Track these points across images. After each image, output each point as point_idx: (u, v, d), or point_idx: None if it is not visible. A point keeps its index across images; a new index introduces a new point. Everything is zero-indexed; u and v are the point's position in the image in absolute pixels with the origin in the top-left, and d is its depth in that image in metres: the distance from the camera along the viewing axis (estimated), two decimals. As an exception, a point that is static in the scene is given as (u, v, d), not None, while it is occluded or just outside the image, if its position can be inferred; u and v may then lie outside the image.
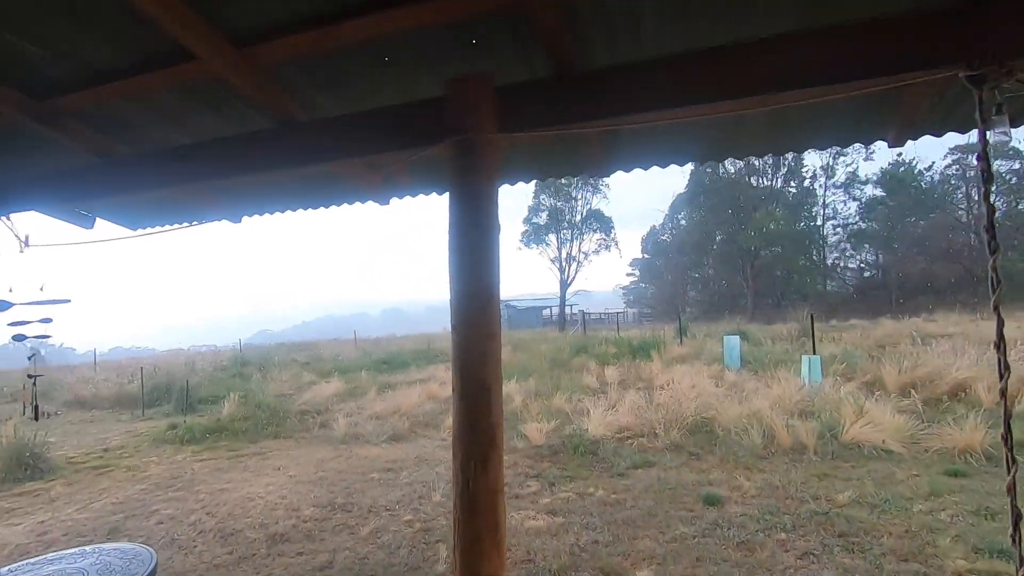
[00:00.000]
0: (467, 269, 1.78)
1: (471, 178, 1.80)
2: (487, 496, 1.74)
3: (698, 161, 2.56)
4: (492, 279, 1.78)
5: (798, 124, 2.27)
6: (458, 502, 1.76)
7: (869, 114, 2.18)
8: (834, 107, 2.08)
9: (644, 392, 9.06)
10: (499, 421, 1.76)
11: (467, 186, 1.80)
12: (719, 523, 4.36)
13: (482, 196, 1.80)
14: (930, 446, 5.79)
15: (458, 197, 1.81)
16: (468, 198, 1.80)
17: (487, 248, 1.79)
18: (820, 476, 5.29)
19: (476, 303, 1.78)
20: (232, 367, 18.53)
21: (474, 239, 1.78)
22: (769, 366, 10.86)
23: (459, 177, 1.81)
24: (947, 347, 10.77)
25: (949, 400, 7.60)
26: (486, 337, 1.77)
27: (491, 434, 1.74)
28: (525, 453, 6.75)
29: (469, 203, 1.80)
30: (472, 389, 1.74)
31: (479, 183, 1.80)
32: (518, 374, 12.39)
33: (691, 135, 2.36)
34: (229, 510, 5.37)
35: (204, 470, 6.91)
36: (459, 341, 1.78)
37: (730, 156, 2.51)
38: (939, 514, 4.29)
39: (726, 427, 6.76)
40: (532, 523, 4.62)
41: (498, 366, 1.79)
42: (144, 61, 2.05)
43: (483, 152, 1.80)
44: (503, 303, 23.60)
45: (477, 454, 1.73)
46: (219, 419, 9.44)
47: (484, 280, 1.77)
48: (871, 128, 2.25)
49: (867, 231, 42.82)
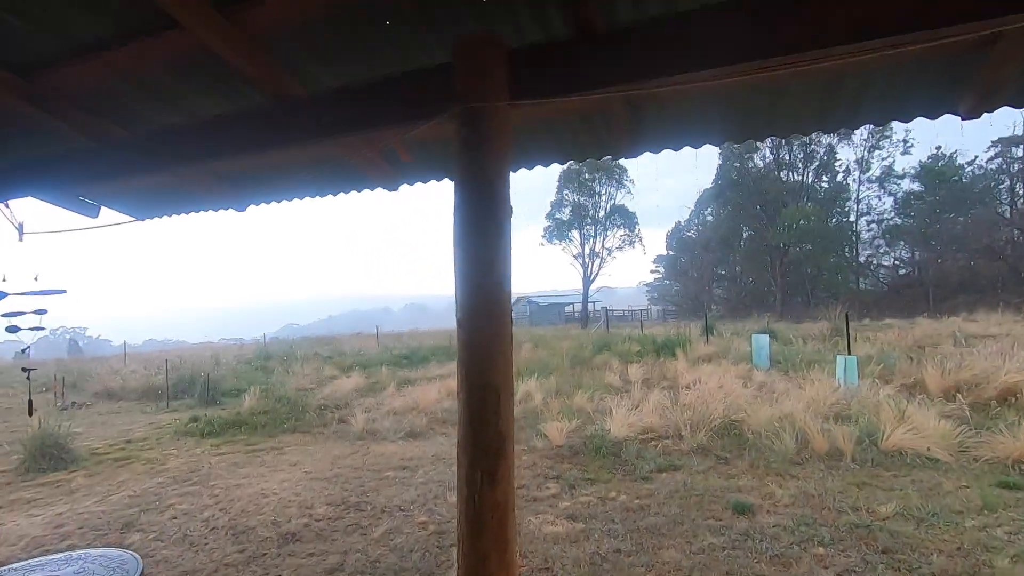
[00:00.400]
0: (474, 258, 1.57)
1: (479, 154, 1.59)
2: (495, 511, 1.54)
3: (735, 140, 2.30)
4: (502, 270, 1.57)
5: (852, 94, 1.99)
6: (462, 518, 1.56)
7: (939, 80, 1.89)
8: (896, 72, 1.82)
9: (669, 392, 8.75)
10: (509, 429, 1.55)
11: (475, 163, 1.59)
12: (750, 534, 4.08)
13: (492, 174, 1.59)
14: (980, 455, 5.39)
15: (465, 175, 1.61)
16: (476, 176, 1.59)
17: (497, 235, 1.58)
18: (859, 485, 4.96)
19: (484, 297, 1.57)
20: (256, 360, 18.74)
21: (482, 224, 1.58)
22: (800, 366, 10.44)
23: (466, 153, 1.61)
24: (993, 348, 10.17)
25: (999, 405, 7.12)
26: (495, 335, 1.56)
27: (499, 443, 1.54)
28: (544, 453, 6.53)
29: (477, 182, 1.59)
30: (478, 393, 1.54)
31: (488, 159, 1.59)
32: (539, 372, 12.17)
33: (726, 110, 2.11)
34: (243, 506, 5.29)
35: (221, 464, 6.88)
36: (465, 339, 1.57)
37: (771, 135, 2.24)
38: (994, 530, 3.94)
39: (756, 430, 6.43)
40: (551, 528, 4.41)
41: (508, 367, 1.58)
42: (128, 31, 1.89)
43: (493, 123, 1.59)
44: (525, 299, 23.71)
45: (484, 465, 1.52)
46: (239, 413, 9.46)
47: (493, 271, 1.57)
48: (941, 97, 1.96)
49: (903, 227, 41.31)
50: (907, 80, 1.90)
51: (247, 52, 1.91)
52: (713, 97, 1.98)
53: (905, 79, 1.90)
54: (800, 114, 2.15)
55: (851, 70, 1.85)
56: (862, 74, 1.85)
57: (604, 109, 2.07)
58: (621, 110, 2.08)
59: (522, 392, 10.03)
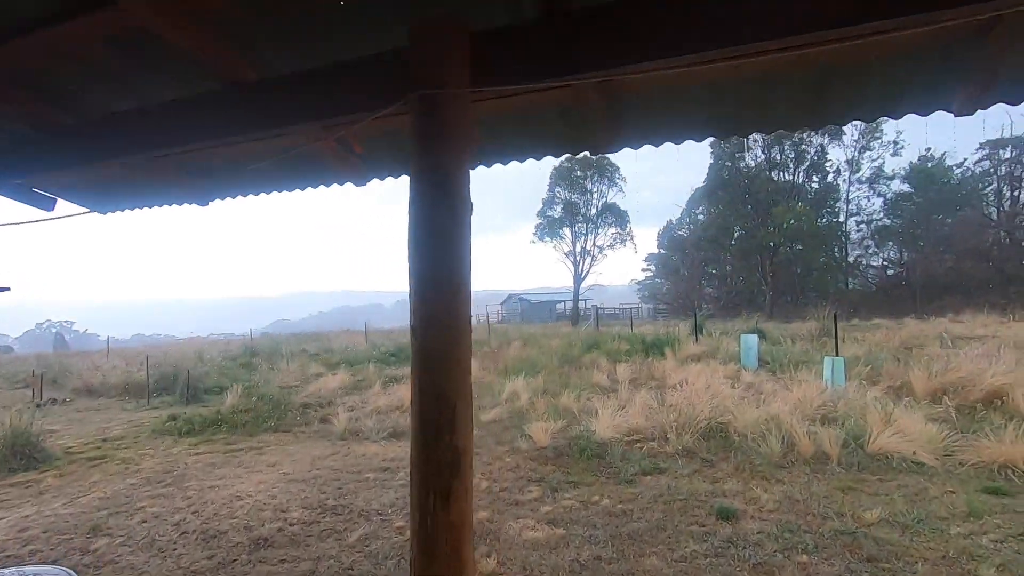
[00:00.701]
0: (430, 259, 1.45)
1: (436, 143, 1.46)
2: (449, 534, 1.41)
3: (719, 135, 2.18)
4: (461, 272, 1.45)
5: (841, 89, 1.88)
6: (414, 541, 1.44)
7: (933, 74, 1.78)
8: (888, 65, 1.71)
9: (656, 392, 8.67)
10: (466, 444, 1.43)
11: (432, 154, 1.47)
12: (733, 540, 4.00)
13: (450, 166, 1.46)
14: (966, 459, 5.34)
15: (421, 168, 1.48)
16: (433, 169, 1.46)
17: (455, 233, 1.45)
18: (844, 490, 4.89)
19: (441, 301, 1.45)
20: (241, 357, 18.49)
21: (439, 221, 1.45)
22: (788, 367, 10.40)
23: (422, 143, 1.48)
24: (979, 350, 10.18)
25: (984, 408, 7.09)
26: (452, 343, 1.44)
27: (455, 460, 1.41)
28: (528, 455, 6.43)
29: (434, 175, 1.46)
30: (432, 405, 1.42)
31: (446, 150, 1.46)
32: (527, 370, 12.07)
33: (709, 104, 1.99)
34: (216, 509, 5.13)
35: (197, 465, 6.71)
36: (419, 347, 1.45)
37: (757, 131, 2.12)
38: (980, 538, 3.87)
39: (742, 432, 6.36)
40: (531, 534, 4.30)
41: (466, 377, 1.45)
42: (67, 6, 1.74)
43: (452, 111, 1.46)
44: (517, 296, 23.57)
45: (437, 484, 1.40)
46: (219, 411, 9.27)
47: (451, 273, 1.44)
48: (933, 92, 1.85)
49: (892, 228, 41.57)
50: (899, 74, 1.79)
51: (193, 33, 1.77)
52: (695, 89, 1.87)
53: (897, 73, 1.79)
54: (788, 109, 2.03)
55: (841, 62, 1.74)
56: (852, 67, 1.74)
57: (580, 100, 1.95)
58: (598, 101, 1.96)
59: (509, 391, 9.92)
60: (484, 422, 8.13)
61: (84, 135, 2.29)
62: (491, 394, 10.27)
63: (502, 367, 13.18)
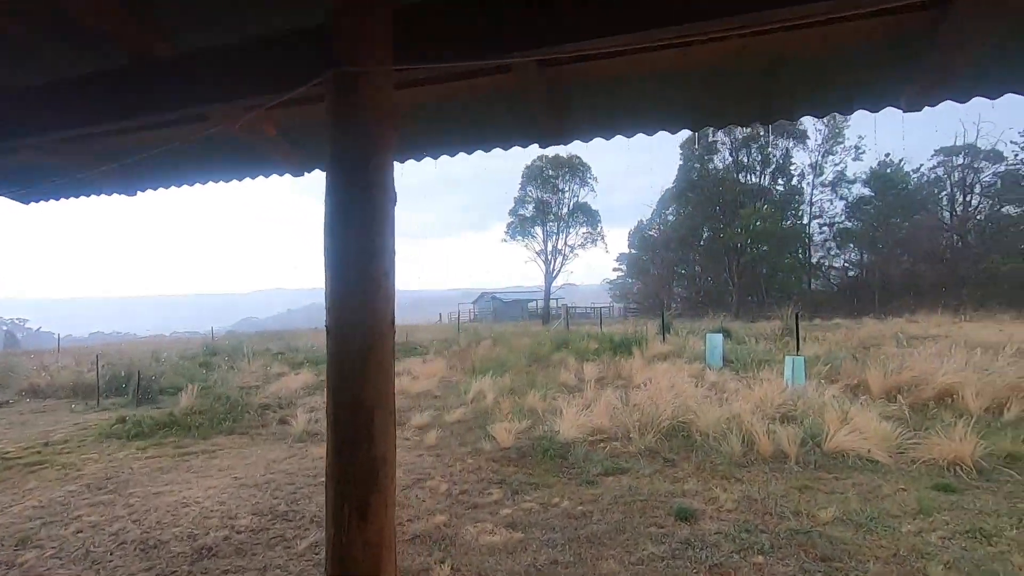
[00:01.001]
0: (347, 253, 1.32)
1: (356, 126, 1.34)
2: (366, 553, 1.29)
3: (670, 128, 2.11)
4: (382, 268, 1.33)
5: (790, 80, 1.83)
6: (328, 561, 1.31)
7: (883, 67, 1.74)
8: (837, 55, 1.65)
9: (622, 391, 8.68)
10: (386, 454, 1.31)
11: (350, 138, 1.34)
12: (691, 542, 3.97)
13: (370, 151, 1.34)
14: (917, 456, 5.45)
15: (338, 153, 1.35)
16: (351, 154, 1.34)
17: (376, 226, 1.33)
18: (801, 488, 4.93)
19: (359, 300, 1.32)
20: (201, 355, 17.89)
21: (358, 212, 1.32)
22: (752, 366, 10.55)
23: (340, 124, 1.35)
24: (932, 349, 10.51)
25: (936, 406, 7.29)
26: (371, 345, 1.32)
27: (372, 472, 1.29)
28: (491, 456, 6.33)
29: (352, 161, 1.34)
30: (348, 413, 1.29)
31: (366, 134, 1.34)
32: (494, 369, 11.97)
33: (659, 93, 1.91)
34: (159, 517, 4.88)
35: (144, 470, 6.39)
36: (334, 349, 1.32)
37: (709, 124, 2.05)
38: (929, 535, 3.93)
39: (704, 431, 6.38)
40: (488, 538, 4.20)
41: (388, 382, 1.33)
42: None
43: (372, 91, 1.34)
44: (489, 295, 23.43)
45: (353, 498, 1.28)
46: (172, 413, 8.89)
47: (370, 270, 1.32)
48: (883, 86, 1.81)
49: (853, 230, 42.85)
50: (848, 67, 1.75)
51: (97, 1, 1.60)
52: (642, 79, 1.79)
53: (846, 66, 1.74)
54: (739, 101, 1.97)
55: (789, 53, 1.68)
56: (801, 58, 1.69)
57: (524, 89, 1.85)
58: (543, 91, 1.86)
59: (475, 391, 9.80)
60: (448, 423, 8.00)
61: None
62: (457, 394, 10.14)
63: (470, 366, 13.05)
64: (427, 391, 10.76)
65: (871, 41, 1.53)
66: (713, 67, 1.69)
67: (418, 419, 8.20)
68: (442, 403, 9.49)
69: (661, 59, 1.65)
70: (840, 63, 1.71)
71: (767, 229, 40.31)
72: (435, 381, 11.74)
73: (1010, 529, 3.95)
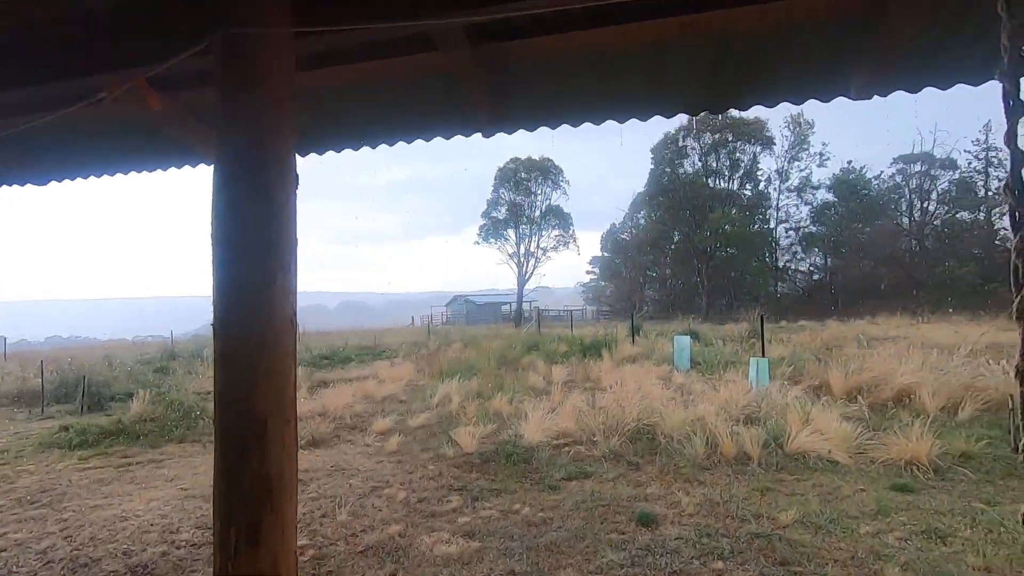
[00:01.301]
0: (239, 244, 1.16)
1: (249, 98, 1.18)
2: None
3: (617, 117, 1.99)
4: (280, 261, 1.17)
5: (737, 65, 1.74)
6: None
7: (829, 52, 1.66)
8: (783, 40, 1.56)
9: (590, 394, 8.60)
10: (282, 472, 1.15)
11: (242, 108, 1.18)
12: (651, 548, 3.88)
13: (265, 126, 1.18)
14: (876, 456, 5.49)
15: (228, 124, 1.18)
16: (243, 125, 1.18)
17: (273, 206, 1.17)
18: (763, 491, 4.90)
19: (250, 291, 1.16)
20: (158, 360, 17.24)
21: (252, 191, 1.16)
22: (718, 367, 10.63)
23: (230, 94, 1.19)
24: (892, 350, 10.74)
25: (894, 406, 7.41)
26: (265, 348, 1.16)
27: (265, 490, 1.13)
28: (453, 462, 6.15)
29: (245, 138, 1.18)
30: (236, 425, 1.13)
31: (261, 105, 1.18)
32: (463, 373, 11.80)
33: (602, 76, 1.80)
34: (93, 533, 4.57)
35: (83, 482, 6.03)
36: (221, 350, 1.16)
37: (658, 111, 1.95)
38: (886, 536, 3.92)
39: (668, 434, 6.33)
40: (443, 549, 4.03)
41: (284, 388, 1.18)
42: None
43: (268, 58, 1.18)
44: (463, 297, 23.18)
45: (241, 521, 1.11)
46: (120, 420, 8.46)
47: (266, 263, 1.16)
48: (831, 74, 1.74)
49: (817, 235, 43.95)
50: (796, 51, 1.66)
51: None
52: (582, 59, 1.67)
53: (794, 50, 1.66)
54: (686, 87, 1.88)
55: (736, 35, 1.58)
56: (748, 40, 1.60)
57: (456, 69, 1.71)
58: (478, 69, 1.72)
59: (441, 395, 9.61)
60: (411, 427, 7.80)
61: None
62: (422, 398, 9.93)
63: (437, 370, 12.84)
64: (392, 395, 10.52)
65: (818, 21, 1.44)
66: (655, 46, 1.58)
67: (380, 424, 7.98)
68: (407, 407, 9.28)
69: (598, 36, 1.53)
70: (788, 46, 1.63)
71: (735, 233, 41.05)
72: (401, 385, 11.51)
73: (964, 529, 3.97)
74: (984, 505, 4.42)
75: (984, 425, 6.37)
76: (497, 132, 2.00)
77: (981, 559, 3.51)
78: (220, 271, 1.16)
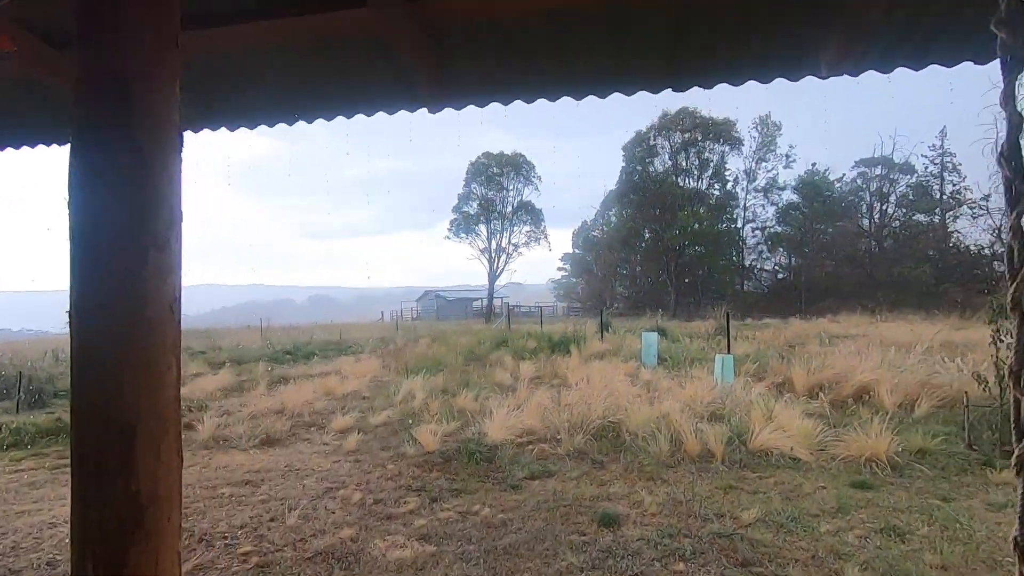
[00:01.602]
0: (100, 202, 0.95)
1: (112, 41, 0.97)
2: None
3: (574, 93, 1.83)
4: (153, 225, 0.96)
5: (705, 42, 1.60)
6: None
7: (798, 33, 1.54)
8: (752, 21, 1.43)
9: (556, 390, 8.49)
10: (156, 489, 0.96)
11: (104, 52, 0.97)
12: (612, 550, 3.77)
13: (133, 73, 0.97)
14: (837, 453, 5.52)
15: (87, 59, 0.97)
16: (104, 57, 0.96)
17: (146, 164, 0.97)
18: (726, 489, 4.85)
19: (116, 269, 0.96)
20: (110, 355, 16.45)
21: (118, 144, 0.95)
22: (685, 364, 10.66)
23: (88, 35, 0.97)
24: (852, 348, 10.96)
25: (854, 403, 7.51)
26: (133, 336, 0.95)
27: (135, 514, 0.94)
28: (413, 461, 5.95)
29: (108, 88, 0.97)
30: (95, 436, 0.93)
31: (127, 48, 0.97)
32: (429, 369, 11.57)
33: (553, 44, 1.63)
34: (16, 541, 4.23)
35: (12, 485, 5.61)
36: (78, 343, 0.95)
37: (616, 88, 1.81)
38: (846, 535, 3.90)
39: (633, 431, 6.26)
40: (397, 553, 3.84)
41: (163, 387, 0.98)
42: None
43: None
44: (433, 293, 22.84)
45: (100, 549, 0.91)
46: (60, 418, 7.97)
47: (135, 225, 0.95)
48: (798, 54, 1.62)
49: (782, 235, 44.93)
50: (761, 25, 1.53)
51: None
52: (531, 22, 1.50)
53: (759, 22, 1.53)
54: (644, 61, 1.73)
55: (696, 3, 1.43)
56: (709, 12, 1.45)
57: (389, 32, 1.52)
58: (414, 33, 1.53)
59: (405, 391, 9.37)
60: (372, 425, 7.55)
61: None
62: (386, 395, 9.67)
63: (403, 366, 12.57)
64: (355, 392, 10.23)
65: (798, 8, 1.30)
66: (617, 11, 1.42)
67: (340, 422, 7.71)
68: (369, 404, 9.01)
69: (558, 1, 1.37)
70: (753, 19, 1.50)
71: (703, 231, 41.66)
72: (365, 381, 11.22)
73: (922, 526, 3.98)
74: (940, 502, 4.46)
75: (939, 422, 6.49)
76: (444, 107, 1.81)
77: (939, 557, 3.51)
78: (76, 247, 0.95)
